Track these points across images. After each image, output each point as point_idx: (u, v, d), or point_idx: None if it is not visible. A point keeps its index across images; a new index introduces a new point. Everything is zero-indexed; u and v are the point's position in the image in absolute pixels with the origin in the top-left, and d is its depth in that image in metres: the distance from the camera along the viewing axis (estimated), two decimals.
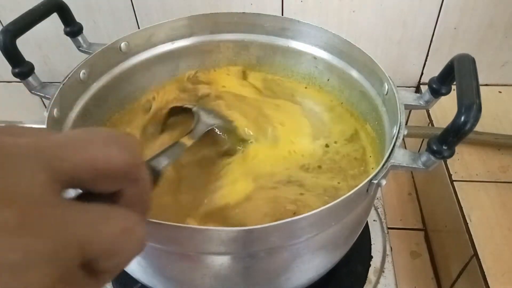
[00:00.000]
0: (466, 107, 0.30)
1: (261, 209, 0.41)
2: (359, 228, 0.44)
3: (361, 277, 0.52)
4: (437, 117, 0.67)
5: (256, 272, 0.36)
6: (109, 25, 0.70)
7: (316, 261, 0.39)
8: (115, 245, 0.17)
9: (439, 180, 0.61)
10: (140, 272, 0.40)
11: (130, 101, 0.54)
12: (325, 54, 0.52)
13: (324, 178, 0.45)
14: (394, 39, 0.68)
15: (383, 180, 0.34)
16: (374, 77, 0.46)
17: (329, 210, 0.32)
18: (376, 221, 0.59)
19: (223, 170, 0.46)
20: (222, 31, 0.55)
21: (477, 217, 0.53)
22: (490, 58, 0.69)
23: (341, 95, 0.53)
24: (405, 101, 0.42)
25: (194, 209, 0.41)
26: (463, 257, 0.52)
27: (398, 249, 0.63)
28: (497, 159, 0.60)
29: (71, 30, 0.48)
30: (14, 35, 0.40)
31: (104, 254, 0.17)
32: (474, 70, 0.34)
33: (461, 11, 0.64)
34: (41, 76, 0.44)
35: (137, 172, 0.20)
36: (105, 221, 0.17)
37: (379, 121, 0.46)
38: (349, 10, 0.65)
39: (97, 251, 0.17)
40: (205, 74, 0.57)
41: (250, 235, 0.31)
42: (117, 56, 0.50)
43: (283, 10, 0.66)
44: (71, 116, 0.45)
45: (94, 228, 0.17)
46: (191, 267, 0.36)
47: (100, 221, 0.17)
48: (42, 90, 0.44)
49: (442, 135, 0.32)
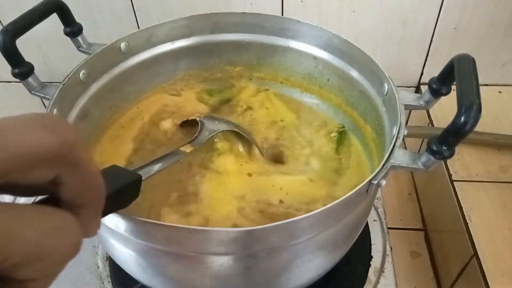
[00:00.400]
0: (466, 107, 0.30)
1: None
2: (359, 228, 0.44)
3: (361, 277, 0.52)
4: (437, 117, 0.67)
5: (256, 273, 0.36)
6: (109, 25, 0.70)
7: (316, 261, 0.39)
8: (37, 249, 0.15)
9: (439, 180, 0.61)
10: (140, 272, 0.40)
11: (130, 101, 0.54)
12: (325, 54, 0.52)
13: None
14: (394, 39, 0.68)
15: (383, 180, 0.34)
16: (374, 77, 0.46)
17: (329, 210, 0.32)
18: (376, 221, 0.59)
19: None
20: (222, 31, 0.55)
21: (477, 217, 0.53)
22: (490, 58, 0.69)
23: (341, 95, 0.53)
24: (405, 101, 0.42)
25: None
26: (463, 257, 0.52)
27: (398, 249, 0.63)
28: (497, 159, 0.60)
29: (71, 30, 0.48)
30: (14, 35, 0.40)
31: (23, 260, 0.15)
32: (474, 70, 0.34)
33: (461, 11, 0.64)
34: (41, 76, 0.44)
35: (72, 154, 0.17)
36: (21, 222, 0.15)
37: (379, 121, 0.46)
38: (349, 10, 0.65)
39: (11, 256, 0.15)
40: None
41: (250, 236, 0.31)
42: (117, 56, 0.50)
43: (283, 10, 0.66)
44: (71, 116, 0.45)
45: (7, 231, 0.15)
46: (191, 267, 0.36)
47: (15, 223, 0.15)
48: (42, 90, 0.44)
49: (442, 135, 0.32)
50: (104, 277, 0.53)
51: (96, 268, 0.54)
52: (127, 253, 0.37)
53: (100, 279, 0.53)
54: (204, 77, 0.58)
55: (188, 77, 0.58)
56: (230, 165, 0.47)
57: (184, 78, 0.57)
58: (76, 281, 0.53)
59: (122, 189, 0.28)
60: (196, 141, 0.45)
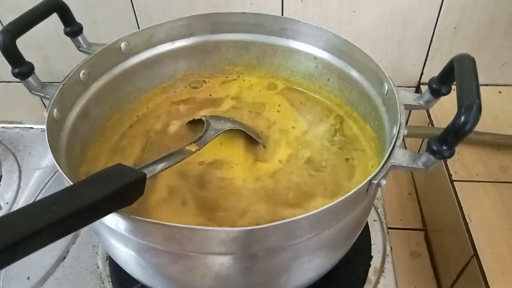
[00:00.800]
0: (466, 107, 0.30)
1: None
2: (359, 228, 0.44)
3: (361, 277, 0.52)
4: (437, 117, 0.67)
5: (256, 272, 0.36)
6: (109, 25, 0.70)
7: (316, 261, 0.39)
8: None
9: (439, 180, 0.61)
10: (140, 272, 0.40)
11: (130, 101, 0.54)
12: (325, 54, 0.52)
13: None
14: (394, 39, 0.68)
15: (383, 180, 0.34)
16: (374, 77, 0.46)
17: (329, 210, 0.32)
18: (376, 221, 0.59)
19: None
20: (222, 31, 0.55)
21: (477, 217, 0.53)
22: (490, 58, 0.69)
23: (341, 95, 0.53)
24: (405, 101, 0.42)
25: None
26: (463, 257, 0.52)
27: (398, 249, 0.63)
28: (497, 159, 0.60)
29: (71, 30, 0.48)
30: (14, 35, 0.40)
31: None
32: (474, 70, 0.34)
33: (461, 11, 0.64)
34: (41, 76, 0.44)
35: None
36: None
37: (379, 121, 0.46)
38: (349, 10, 0.65)
39: None
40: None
41: (250, 235, 0.31)
42: (117, 56, 0.50)
43: (283, 10, 0.66)
44: (71, 116, 0.45)
45: None
46: (191, 267, 0.36)
47: None
48: (42, 90, 0.43)
49: (442, 135, 0.32)
50: (104, 277, 0.53)
51: (96, 268, 0.54)
52: (127, 253, 0.37)
53: (100, 279, 0.53)
54: (205, 76, 0.58)
55: (188, 77, 0.58)
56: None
57: (184, 78, 0.57)
58: (76, 281, 0.53)
59: (127, 187, 0.29)
60: (201, 140, 0.45)
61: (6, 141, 0.73)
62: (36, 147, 0.72)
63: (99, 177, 0.30)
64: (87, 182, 0.29)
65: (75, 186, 0.29)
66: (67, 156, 0.41)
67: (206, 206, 0.43)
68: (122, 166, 0.32)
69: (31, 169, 0.68)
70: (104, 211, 0.29)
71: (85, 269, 0.54)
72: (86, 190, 0.28)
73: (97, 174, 0.30)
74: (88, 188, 0.28)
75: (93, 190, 0.28)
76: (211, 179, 0.46)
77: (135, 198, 0.31)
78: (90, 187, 0.29)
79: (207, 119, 0.50)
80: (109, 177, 0.30)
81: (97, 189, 0.28)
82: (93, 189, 0.28)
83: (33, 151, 0.71)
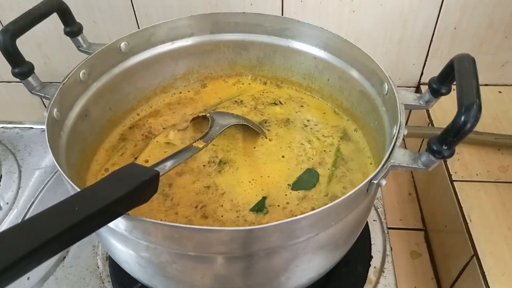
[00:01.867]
0: (466, 107, 0.30)
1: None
2: (359, 228, 0.44)
3: (361, 277, 0.52)
4: (437, 117, 0.67)
5: (256, 272, 0.36)
6: (109, 25, 0.70)
7: (316, 261, 0.39)
8: None
9: (439, 180, 0.61)
10: (140, 272, 0.40)
11: (130, 101, 0.54)
12: (325, 54, 0.52)
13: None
14: (394, 39, 0.68)
15: (383, 180, 0.34)
16: (374, 77, 0.46)
17: (329, 210, 0.32)
18: (376, 221, 0.59)
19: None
20: (222, 31, 0.55)
21: (477, 217, 0.53)
22: (490, 58, 0.69)
23: (341, 95, 0.53)
24: (405, 101, 0.42)
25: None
26: (463, 257, 0.52)
27: (398, 249, 0.63)
28: (497, 159, 0.60)
29: (71, 30, 0.48)
30: (14, 35, 0.40)
31: None
32: (474, 70, 0.34)
33: (461, 11, 0.64)
34: (41, 76, 0.44)
35: None
36: None
37: (379, 121, 0.46)
38: (349, 10, 0.65)
39: None
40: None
41: (250, 235, 0.31)
42: (117, 56, 0.50)
43: (283, 10, 0.66)
44: (71, 116, 0.45)
45: None
46: (191, 267, 0.36)
47: None
48: (42, 90, 0.43)
49: (442, 135, 0.32)
50: (104, 277, 0.53)
51: (96, 268, 0.54)
52: (127, 253, 0.37)
53: (100, 279, 0.53)
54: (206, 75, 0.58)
55: (188, 77, 0.58)
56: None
57: (184, 78, 0.57)
58: (76, 281, 0.53)
59: (142, 186, 0.30)
60: (207, 137, 0.46)
61: (6, 141, 0.73)
62: (36, 147, 0.72)
63: (115, 177, 0.31)
64: (105, 182, 0.30)
65: (92, 187, 0.29)
66: (67, 156, 0.41)
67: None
68: (135, 165, 0.33)
69: (31, 169, 0.68)
70: (122, 210, 0.30)
71: (85, 269, 0.54)
72: (104, 190, 0.29)
73: (113, 174, 0.31)
74: (106, 189, 0.29)
75: (110, 190, 0.29)
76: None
77: (149, 196, 0.32)
78: (107, 187, 0.29)
79: (212, 115, 0.50)
80: (124, 176, 0.31)
81: (114, 189, 0.29)
82: (111, 189, 0.29)
83: (33, 151, 0.71)
